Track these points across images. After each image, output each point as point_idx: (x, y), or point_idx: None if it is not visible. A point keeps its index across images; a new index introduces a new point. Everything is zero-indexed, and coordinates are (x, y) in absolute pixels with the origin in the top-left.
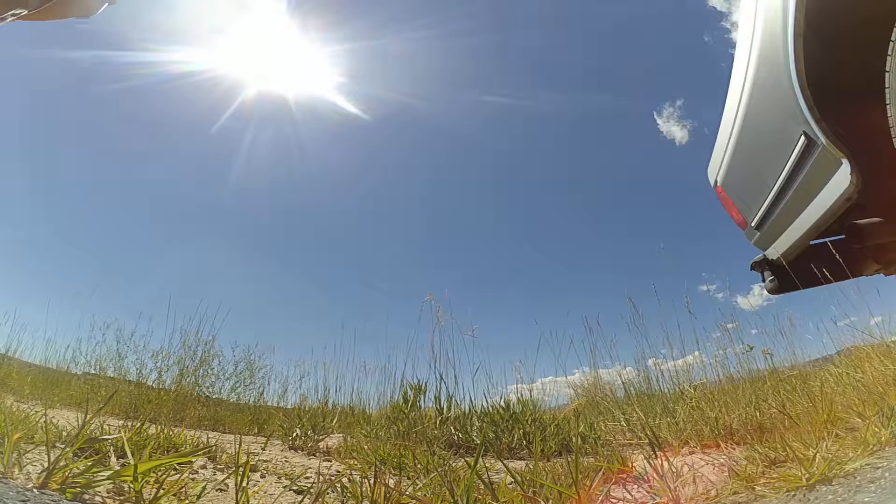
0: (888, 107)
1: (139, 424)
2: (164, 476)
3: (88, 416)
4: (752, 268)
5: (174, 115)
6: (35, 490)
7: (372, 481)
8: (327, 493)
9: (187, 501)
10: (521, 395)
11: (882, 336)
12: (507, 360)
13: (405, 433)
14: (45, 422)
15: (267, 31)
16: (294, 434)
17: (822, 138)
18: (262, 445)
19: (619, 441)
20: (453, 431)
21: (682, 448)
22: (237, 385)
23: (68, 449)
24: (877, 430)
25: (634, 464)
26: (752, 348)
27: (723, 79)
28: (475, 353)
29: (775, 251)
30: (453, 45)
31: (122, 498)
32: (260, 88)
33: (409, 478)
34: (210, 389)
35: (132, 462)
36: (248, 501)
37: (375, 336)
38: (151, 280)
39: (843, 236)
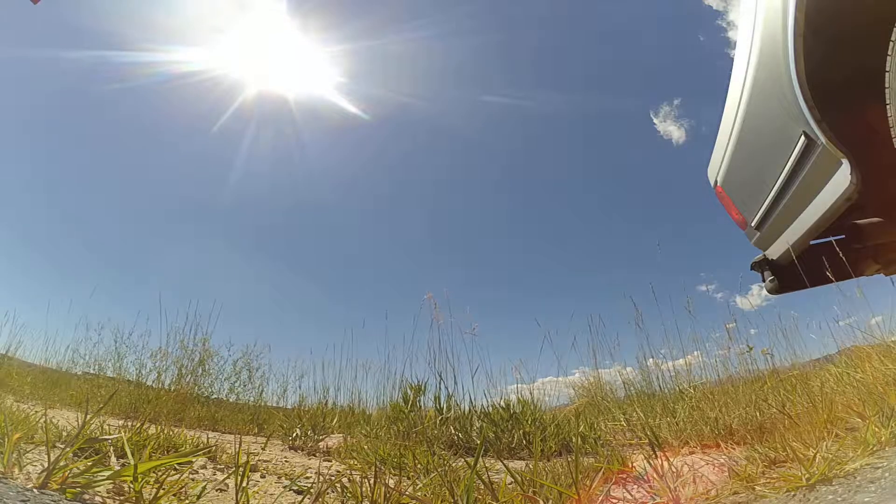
0: (888, 107)
1: (139, 424)
2: (164, 476)
3: (88, 416)
4: (753, 268)
5: (174, 116)
6: (35, 490)
7: (372, 481)
8: (327, 493)
9: (187, 501)
10: (521, 395)
11: (882, 336)
12: (507, 360)
13: (405, 433)
14: (45, 422)
15: (267, 31)
16: (294, 434)
17: (822, 138)
18: (262, 445)
19: (620, 441)
20: (453, 431)
21: (682, 448)
22: (236, 385)
23: (68, 449)
24: (877, 430)
25: (634, 464)
26: (752, 349)
27: (719, 78)
28: (475, 353)
29: (775, 251)
30: (453, 45)
31: (122, 498)
32: (260, 88)
33: (409, 478)
34: (209, 389)
35: (132, 462)
36: (248, 501)
37: (375, 335)
38: (151, 280)
39: (843, 236)
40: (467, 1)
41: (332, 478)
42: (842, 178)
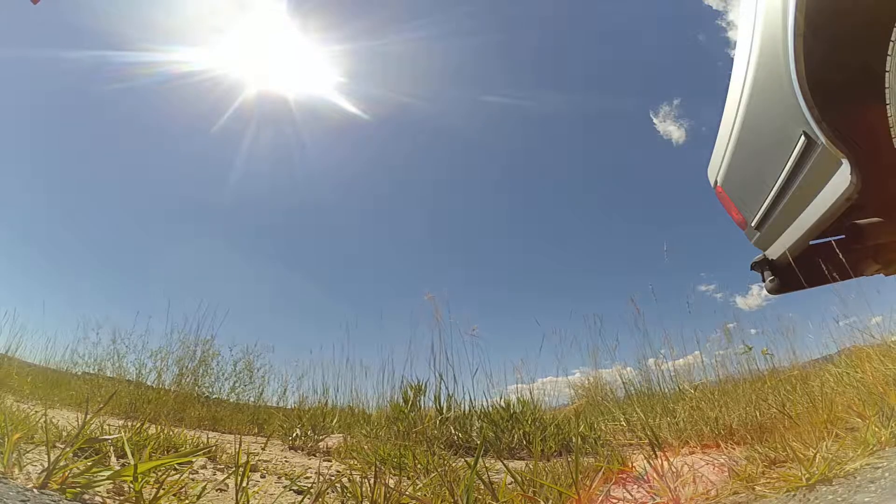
0: (888, 107)
1: (139, 424)
2: (164, 476)
3: (88, 416)
4: (753, 268)
5: (174, 116)
6: (35, 490)
7: (372, 481)
8: (327, 493)
9: (187, 501)
10: (521, 395)
11: (882, 336)
12: (508, 360)
13: (405, 433)
14: (45, 422)
15: (267, 31)
16: (294, 434)
17: (822, 138)
18: (262, 445)
19: (620, 441)
20: (453, 431)
21: (682, 448)
22: (237, 385)
23: (68, 449)
24: (877, 430)
25: (634, 464)
26: (750, 349)
27: (719, 78)
28: (475, 353)
29: (775, 251)
30: (453, 45)
31: (122, 498)
32: (260, 88)
33: (409, 478)
34: (210, 389)
35: (132, 462)
36: (248, 501)
37: (375, 335)
38: (151, 280)
39: (843, 236)
40: (467, 1)
41: (332, 478)
42: (842, 178)
